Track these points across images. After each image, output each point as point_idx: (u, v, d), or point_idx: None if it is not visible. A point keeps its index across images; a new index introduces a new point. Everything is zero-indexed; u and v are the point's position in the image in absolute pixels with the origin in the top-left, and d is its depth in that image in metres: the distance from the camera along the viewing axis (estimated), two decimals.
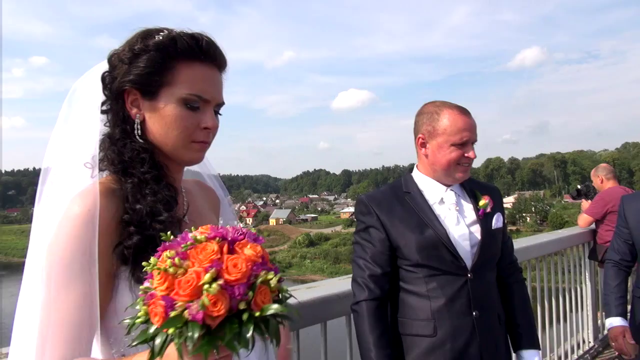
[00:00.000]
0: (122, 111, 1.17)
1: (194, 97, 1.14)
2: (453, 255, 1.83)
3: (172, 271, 0.80)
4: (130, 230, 1.07)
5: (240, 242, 0.86)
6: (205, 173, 1.47)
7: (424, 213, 1.88)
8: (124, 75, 1.14)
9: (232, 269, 0.81)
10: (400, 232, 1.86)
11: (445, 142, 1.88)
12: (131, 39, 1.16)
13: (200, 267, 0.80)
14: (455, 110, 1.89)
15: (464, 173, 1.91)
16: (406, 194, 1.95)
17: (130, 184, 1.11)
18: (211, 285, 0.77)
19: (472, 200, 1.96)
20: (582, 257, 4.74)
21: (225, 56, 1.23)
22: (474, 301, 1.84)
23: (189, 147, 1.18)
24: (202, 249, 0.83)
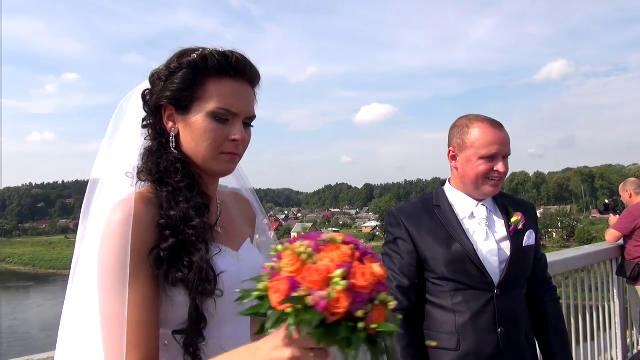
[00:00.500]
0: (160, 125, 1.25)
1: (223, 110, 1.21)
2: (480, 271, 1.82)
3: (304, 257, 0.84)
4: (166, 234, 1.14)
5: (369, 257, 0.90)
6: (243, 187, 1.54)
7: (452, 227, 1.87)
8: (160, 92, 1.22)
9: (360, 277, 0.84)
10: (428, 245, 1.87)
11: (473, 155, 1.87)
12: (170, 59, 1.25)
13: (332, 262, 0.84)
14: (486, 124, 1.88)
15: (493, 187, 1.88)
16: (436, 207, 1.94)
17: (166, 192, 1.18)
18: (339, 282, 0.80)
19: (504, 216, 1.94)
20: (610, 273, 4.63)
21: (258, 70, 1.29)
22: (499, 317, 1.81)
23: (218, 159, 1.24)
24: (337, 248, 0.87)
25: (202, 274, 1.12)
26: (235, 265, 1.25)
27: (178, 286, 1.12)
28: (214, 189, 1.34)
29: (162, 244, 1.13)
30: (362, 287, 0.84)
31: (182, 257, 1.13)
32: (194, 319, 1.13)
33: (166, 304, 1.14)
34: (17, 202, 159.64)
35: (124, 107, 1.32)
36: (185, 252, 1.14)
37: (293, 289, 0.81)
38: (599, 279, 4.41)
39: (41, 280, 76.40)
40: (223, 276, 1.18)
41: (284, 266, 0.85)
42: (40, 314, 10.56)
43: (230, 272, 1.20)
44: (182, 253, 1.13)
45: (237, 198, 1.50)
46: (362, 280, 0.84)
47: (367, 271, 0.86)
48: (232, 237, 1.32)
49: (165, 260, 1.12)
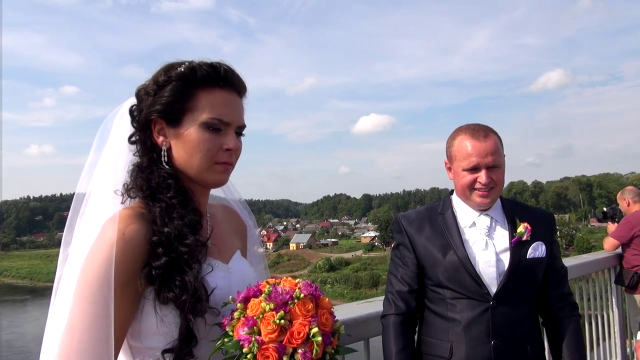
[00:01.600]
0: (150, 140, 1.25)
1: (215, 120, 1.21)
2: (475, 281, 1.80)
3: (282, 323, 1.06)
4: (159, 252, 1.12)
5: (320, 297, 1.17)
6: (231, 199, 1.53)
7: (451, 235, 1.87)
8: (150, 106, 1.22)
9: (325, 322, 1.12)
10: (426, 252, 1.88)
11: (458, 167, 1.89)
12: (156, 73, 1.25)
13: (305, 320, 1.08)
14: (467, 135, 1.87)
15: (482, 198, 1.86)
16: (440, 215, 1.95)
17: (159, 208, 1.17)
18: (317, 337, 1.08)
19: (510, 226, 1.89)
20: (608, 282, 4.62)
21: (244, 81, 1.30)
22: (493, 329, 1.78)
23: (212, 169, 1.23)
24: (303, 305, 1.10)
25: (195, 294, 1.11)
26: (226, 278, 1.25)
27: (169, 305, 1.11)
28: (204, 202, 1.34)
29: (155, 262, 1.11)
30: (328, 330, 1.13)
31: (174, 276, 1.12)
32: (184, 338, 1.12)
33: (155, 322, 1.13)
34: (15, 215, 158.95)
35: (108, 125, 1.31)
36: (178, 271, 1.12)
37: (282, 353, 1.05)
38: (597, 288, 4.39)
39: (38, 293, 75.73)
40: (214, 293, 1.17)
41: (267, 334, 1.05)
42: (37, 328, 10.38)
43: (221, 287, 1.20)
44: (174, 272, 1.12)
45: (226, 210, 1.49)
46: (327, 325, 1.13)
47: (327, 314, 1.14)
48: (223, 250, 1.32)
49: (157, 278, 1.11)
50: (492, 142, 1.84)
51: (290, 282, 1.15)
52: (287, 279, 1.18)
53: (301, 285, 1.14)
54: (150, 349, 1.15)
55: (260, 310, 1.07)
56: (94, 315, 1.06)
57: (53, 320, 1.18)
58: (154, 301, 1.12)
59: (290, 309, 1.08)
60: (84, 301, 1.07)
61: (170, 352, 1.12)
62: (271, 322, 1.05)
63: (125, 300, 1.10)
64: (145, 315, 1.13)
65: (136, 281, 1.11)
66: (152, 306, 1.12)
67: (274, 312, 1.06)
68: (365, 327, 2.00)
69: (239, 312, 1.10)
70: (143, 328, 1.14)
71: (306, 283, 1.16)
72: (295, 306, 1.09)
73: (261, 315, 1.07)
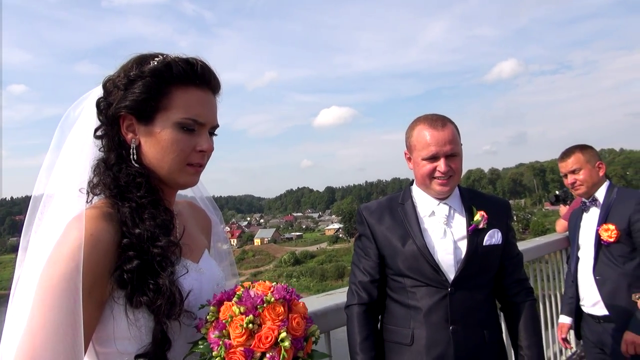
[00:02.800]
0: (118, 136, 1.18)
1: (190, 120, 1.16)
2: (433, 268, 1.83)
3: (250, 327, 1.05)
4: (130, 255, 1.07)
5: (294, 301, 1.15)
6: (198, 196, 1.48)
7: (410, 225, 1.90)
8: (119, 101, 1.15)
9: (296, 326, 1.10)
10: (386, 241, 1.91)
11: (417, 156, 1.90)
12: (126, 65, 1.18)
13: (273, 324, 1.06)
14: (425, 124, 1.89)
15: (442, 186, 1.88)
16: (400, 205, 1.97)
17: (128, 209, 1.12)
18: (285, 341, 1.06)
19: (468, 215, 1.93)
20: (560, 263, 4.80)
21: (219, 79, 1.25)
22: (452, 315, 1.82)
23: (184, 171, 1.19)
24: (273, 309, 1.08)
25: (170, 298, 1.07)
26: (198, 279, 1.21)
27: (142, 309, 1.07)
28: (173, 201, 1.30)
29: (126, 265, 1.06)
30: (299, 335, 1.10)
31: (147, 279, 1.07)
32: (158, 342, 1.08)
33: (127, 326, 1.08)
34: None
35: (71, 116, 1.22)
36: (151, 274, 1.08)
37: (250, 357, 1.05)
38: (551, 269, 4.56)
39: None
40: (189, 296, 1.14)
41: (235, 337, 1.05)
42: None
43: (194, 289, 1.16)
44: (147, 275, 1.07)
45: (192, 208, 1.45)
46: (299, 330, 1.10)
47: (299, 319, 1.11)
48: (193, 249, 1.28)
49: (129, 282, 1.06)
50: (449, 131, 1.87)
51: (265, 286, 1.13)
52: (263, 283, 1.16)
53: (275, 289, 1.13)
54: (122, 354, 1.10)
55: (230, 314, 1.06)
56: (58, 322, 0.99)
57: (10, 329, 1.09)
58: (125, 305, 1.06)
59: (260, 312, 1.07)
60: (46, 307, 1.00)
61: (144, 356, 1.08)
62: (239, 326, 1.04)
63: (92, 304, 1.04)
64: (116, 320, 1.08)
65: (103, 284, 1.05)
66: (122, 310, 1.07)
67: (243, 316, 1.05)
68: (326, 320, 2.00)
69: (212, 315, 1.10)
70: (112, 333, 1.08)
71: (281, 287, 1.14)
72: (264, 310, 1.07)
73: (230, 319, 1.06)
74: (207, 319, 1.10)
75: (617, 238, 2.86)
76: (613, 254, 2.90)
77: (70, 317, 1.00)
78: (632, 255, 2.85)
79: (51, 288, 1.00)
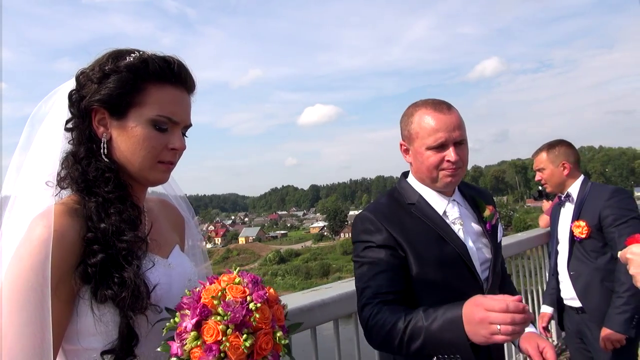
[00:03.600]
0: (89, 130, 1.17)
1: (164, 118, 1.16)
2: (472, 274, 1.62)
3: (248, 344, 1.00)
4: (94, 249, 1.06)
5: (267, 290, 1.10)
6: (171, 194, 1.47)
7: (439, 226, 1.64)
8: (92, 95, 1.14)
9: (280, 316, 1.11)
10: (416, 250, 1.59)
11: (420, 146, 1.65)
12: (101, 59, 1.16)
13: (267, 329, 1.05)
14: (429, 108, 1.64)
15: (451, 178, 1.65)
16: (411, 206, 1.69)
17: (94, 203, 1.11)
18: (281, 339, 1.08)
19: (475, 210, 1.75)
20: (542, 258, 4.86)
21: (195, 79, 1.25)
22: None
23: (155, 168, 1.19)
24: (262, 314, 1.04)
25: (135, 290, 1.06)
26: (167, 274, 1.20)
27: (107, 303, 1.06)
28: (142, 198, 1.29)
29: (90, 260, 1.05)
30: (283, 320, 1.13)
31: (112, 273, 1.06)
32: (124, 338, 1.07)
33: (93, 322, 1.07)
34: None
35: (42, 110, 1.21)
36: (116, 268, 1.07)
37: None
38: (532, 265, 4.61)
39: None
40: (156, 289, 1.13)
41: (237, 357, 1.00)
42: None
43: (162, 283, 1.16)
44: (112, 269, 1.06)
45: (163, 205, 1.44)
46: (281, 317, 1.11)
47: (278, 306, 1.11)
48: (162, 245, 1.27)
49: (93, 276, 1.05)
50: (457, 115, 1.64)
51: (237, 289, 1.05)
52: (224, 277, 1.09)
53: (248, 290, 1.06)
54: (88, 351, 1.09)
55: (220, 335, 0.99)
56: (25, 321, 0.99)
57: None
58: (91, 300, 1.06)
59: (252, 324, 1.02)
60: (13, 306, 0.99)
61: (111, 352, 1.07)
62: (241, 347, 0.99)
63: (59, 301, 1.03)
64: (81, 316, 1.07)
65: (70, 281, 1.04)
66: (88, 306, 1.06)
67: (238, 334, 1.00)
68: (311, 316, 2.00)
69: (193, 340, 1.00)
70: (79, 329, 1.08)
71: (250, 278, 1.09)
72: (256, 320, 1.03)
73: (225, 341, 0.99)
74: (186, 344, 1.01)
75: (588, 234, 2.93)
76: (586, 249, 2.97)
77: (38, 314, 0.99)
78: (603, 250, 2.90)
79: (17, 286, 1.00)
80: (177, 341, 1.02)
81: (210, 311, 1.02)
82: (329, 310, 2.08)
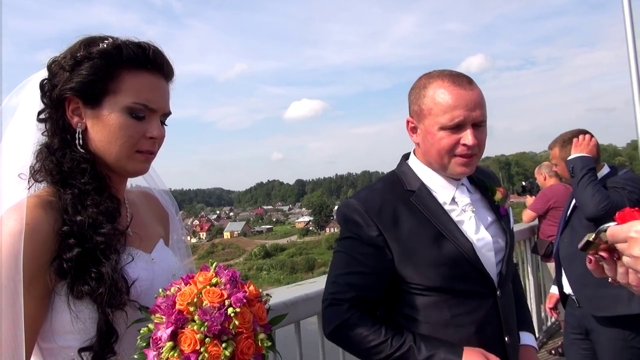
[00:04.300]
0: (62, 120, 1.13)
1: (140, 106, 1.13)
2: (480, 272, 1.44)
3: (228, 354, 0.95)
4: (70, 243, 1.03)
5: (246, 289, 1.03)
6: (155, 189, 1.44)
7: (440, 221, 1.44)
8: (65, 83, 1.10)
9: (261, 315, 1.05)
10: (409, 250, 1.42)
11: (432, 125, 1.43)
12: (73, 46, 1.13)
13: (247, 333, 0.98)
14: (446, 81, 1.42)
15: (465, 167, 1.44)
16: (410, 194, 1.49)
17: (70, 195, 1.07)
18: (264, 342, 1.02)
19: (485, 194, 1.56)
20: (524, 253, 4.92)
21: (173, 66, 1.22)
22: (504, 324, 1.46)
23: (133, 158, 1.15)
24: (242, 318, 0.98)
25: (113, 286, 1.03)
26: (149, 269, 1.17)
27: (84, 299, 1.03)
28: (122, 189, 1.25)
29: (66, 254, 1.02)
30: (265, 319, 1.06)
31: (89, 267, 1.03)
32: (103, 334, 1.04)
33: (70, 319, 1.04)
34: None
35: (13, 101, 1.17)
36: (93, 262, 1.03)
37: None
38: (515, 259, 4.67)
39: None
40: (136, 285, 1.10)
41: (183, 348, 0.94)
42: None
43: (143, 278, 1.13)
44: (89, 263, 1.03)
45: (146, 197, 1.41)
46: (263, 316, 1.04)
47: (259, 306, 1.05)
48: (144, 238, 1.24)
49: (69, 271, 1.01)
50: (478, 91, 1.43)
51: (214, 293, 0.97)
52: (200, 276, 1.02)
53: (226, 293, 0.98)
54: (65, 349, 1.06)
55: (197, 345, 0.93)
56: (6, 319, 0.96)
57: None
58: (67, 296, 1.02)
59: (232, 331, 0.95)
60: None
61: (88, 350, 1.04)
62: (221, 357, 0.93)
63: (32, 298, 0.99)
64: (58, 313, 1.04)
65: (44, 276, 1.01)
66: (64, 302, 1.03)
67: (217, 342, 0.93)
68: (295, 310, 1.99)
69: (169, 350, 0.94)
70: (55, 326, 1.04)
71: (228, 277, 1.01)
72: (236, 327, 0.96)
73: (204, 351, 0.92)
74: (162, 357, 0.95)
75: None
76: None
77: (10, 311, 0.96)
78: None
79: None
80: (153, 349, 0.96)
81: (186, 318, 0.95)
82: (314, 304, 2.07)
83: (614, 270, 0.91)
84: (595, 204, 2.60)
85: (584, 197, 2.67)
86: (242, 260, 77.31)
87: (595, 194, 2.61)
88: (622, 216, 0.86)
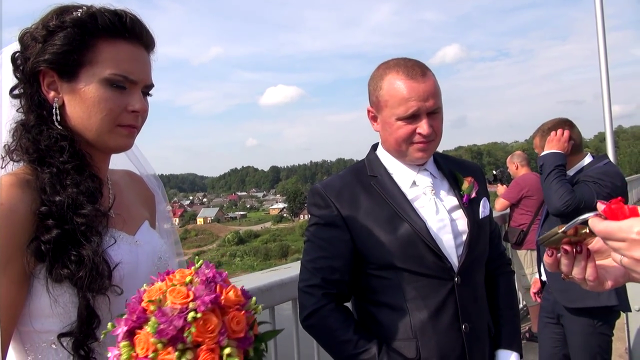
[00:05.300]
0: (38, 95, 1.06)
1: (119, 77, 1.06)
2: (435, 254, 1.46)
3: None
4: (49, 224, 0.98)
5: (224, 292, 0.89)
6: (143, 174, 1.37)
7: (396, 202, 1.49)
8: (38, 55, 1.03)
9: (236, 327, 0.87)
10: (366, 229, 1.48)
11: (389, 115, 1.49)
12: (45, 16, 1.06)
13: (211, 344, 0.83)
14: (400, 73, 1.47)
15: (422, 152, 1.50)
16: (372, 178, 1.56)
17: (48, 174, 1.01)
18: (232, 356, 0.84)
19: (453, 183, 1.60)
20: None
21: (153, 35, 1.15)
22: (462, 312, 1.47)
23: (115, 132, 1.08)
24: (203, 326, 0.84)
25: (93, 269, 0.98)
26: (133, 252, 1.12)
27: (64, 283, 0.98)
28: (104, 168, 1.18)
29: (44, 236, 0.97)
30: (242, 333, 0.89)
31: (69, 250, 0.98)
32: (84, 319, 0.98)
33: (49, 303, 0.98)
34: None
35: None
36: (73, 245, 0.98)
37: None
38: None
39: None
40: (119, 268, 1.04)
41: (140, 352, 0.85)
42: None
43: (127, 262, 1.07)
44: (68, 245, 0.98)
45: (131, 177, 1.34)
46: (239, 329, 0.88)
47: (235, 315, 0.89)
48: (128, 220, 1.17)
49: (47, 254, 0.96)
50: (432, 81, 1.48)
51: (180, 292, 0.86)
52: (177, 273, 0.91)
53: (193, 294, 0.86)
54: (43, 334, 1.01)
55: (151, 349, 0.82)
56: None
57: None
58: (46, 280, 0.97)
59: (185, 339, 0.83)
60: None
61: (69, 335, 0.99)
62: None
63: (9, 281, 0.95)
64: (36, 296, 0.99)
65: (21, 259, 0.96)
66: (43, 285, 0.98)
67: (171, 350, 0.82)
68: (270, 295, 1.96)
69: (127, 353, 0.85)
70: (33, 310, 0.99)
71: (204, 277, 0.89)
72: (192, 335, 0.83)
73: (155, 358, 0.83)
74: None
75: None
76: None
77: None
78: None
79: None
80: (116, 348, 0.87)
81: (147, 318, 0.86)
82: (288, 290, 2.05)
83: (571, 266, 0.88)
84: (557, 199, 2.66)
85: (549, 193, 2.75)
86: (216, 247, 77.13)
87: (559, 190, 2.67)
88: (610, 210, 0.80)
